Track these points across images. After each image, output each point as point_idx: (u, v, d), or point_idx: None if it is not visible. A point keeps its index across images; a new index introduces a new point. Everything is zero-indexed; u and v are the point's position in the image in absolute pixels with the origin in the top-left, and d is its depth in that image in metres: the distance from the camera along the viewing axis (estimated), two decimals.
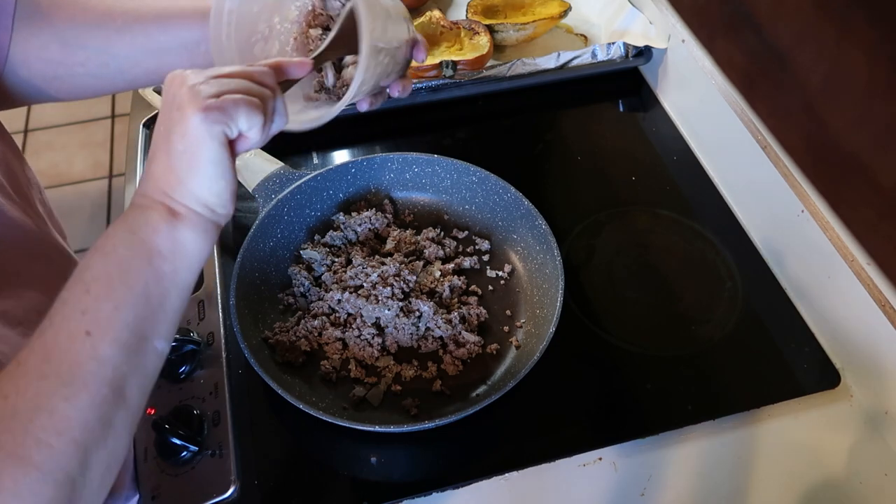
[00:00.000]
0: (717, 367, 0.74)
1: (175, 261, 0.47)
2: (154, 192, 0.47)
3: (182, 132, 0.45)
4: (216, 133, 0.45)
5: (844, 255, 0.70)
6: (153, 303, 0.46)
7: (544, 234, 0.75)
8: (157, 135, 0.48)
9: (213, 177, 0.46)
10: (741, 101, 0.84)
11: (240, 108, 0.45)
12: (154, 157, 0.48)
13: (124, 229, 0.46)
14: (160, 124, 0.48)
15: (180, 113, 0.45)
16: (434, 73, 0.95)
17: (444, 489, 0.65)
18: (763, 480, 0.67)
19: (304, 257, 0.77)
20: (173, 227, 0.46)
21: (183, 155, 0.46)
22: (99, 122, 2.24)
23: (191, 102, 0.45)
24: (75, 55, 0.61)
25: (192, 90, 0.46)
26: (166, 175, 0.47)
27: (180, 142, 0.45)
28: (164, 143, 0.47)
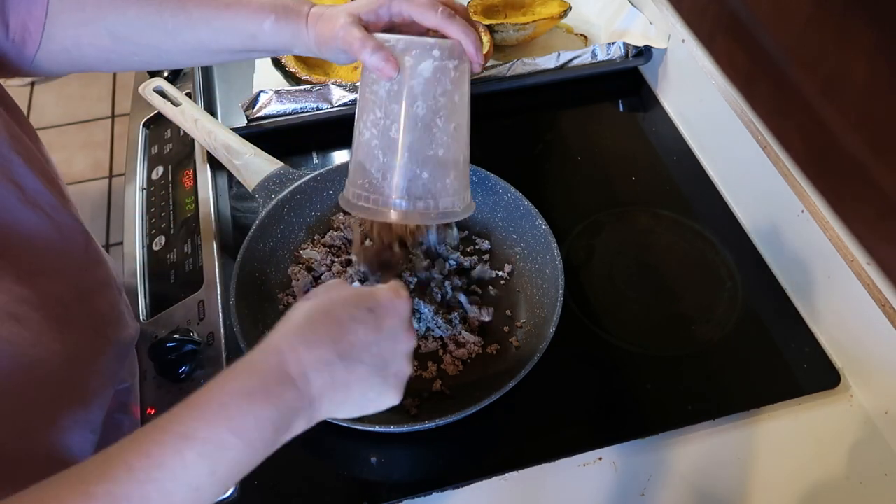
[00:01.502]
0: (717, 367, 0.74)
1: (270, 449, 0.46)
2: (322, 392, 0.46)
3: (379, 401, 0.49)
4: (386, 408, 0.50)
5: (844, 255, 0.70)
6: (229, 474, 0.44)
7: (544, 234, 0.75)
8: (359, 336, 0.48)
9: (356, 416, 0.50)
10: (741, 101, 0.84)
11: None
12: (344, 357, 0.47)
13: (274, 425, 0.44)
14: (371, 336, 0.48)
15: (396, 380, 0.50)
16: None
17: (444, 489, 0.65)
18: (763, 480, 0.67)
19: (304, 257, 0.77)
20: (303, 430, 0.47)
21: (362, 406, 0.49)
22: (99, 122, 2.24)
23: (403, 379, 0.51)
24: (127, 48, 0.63)
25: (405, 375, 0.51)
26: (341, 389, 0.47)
27: (371, 402, 0.49)
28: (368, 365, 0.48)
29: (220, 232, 0.82)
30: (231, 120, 0.92)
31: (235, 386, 0.44)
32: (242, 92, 0.95)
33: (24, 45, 0.61)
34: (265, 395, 0.44)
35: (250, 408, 0.43)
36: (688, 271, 0.82)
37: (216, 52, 0.65)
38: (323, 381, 0.46)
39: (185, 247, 0.81)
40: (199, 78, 0.98)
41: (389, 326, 0.49)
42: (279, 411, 0.44)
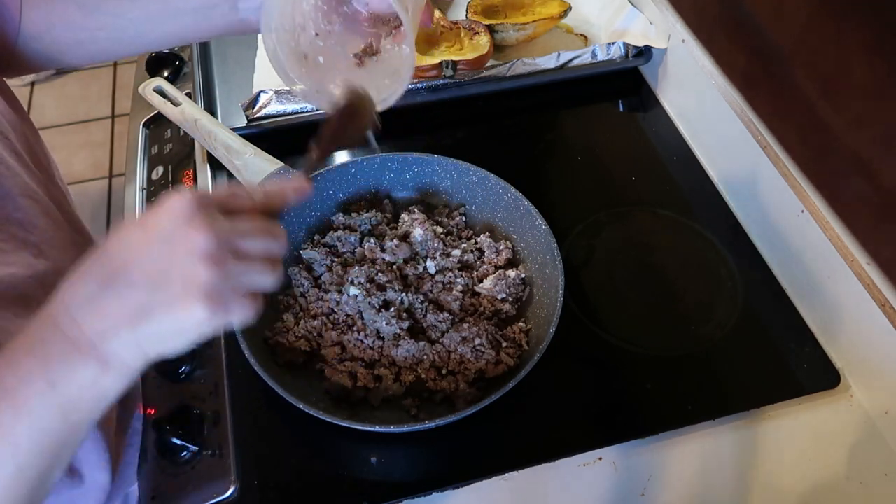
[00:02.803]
0: (717, 367, 0.74)
1: (93, 412, 0.43)
2: (90, 329, 0.41)
3: (172, 309, 0.41)
4: (208, 329, 0.42)
5: (844, 255, 0.70)
6: (60, 454, 0.43)
7: (544, 234, 0.75)
8: (132, 249, 0.41)
9: (172, 349, 0.43)
10: (741, 101, 0.84)
11: (244, 307, 0.42)
12: (114, 283, 0.41)
13: (43, 377, 0.40)
14: (146, 245, 0.41)
15: (184, 292, 0.40)
16: (434, 73, 0.95)
17: (444, 489, 0.65)
18: (763, 480, 0.67)
19: (304, 257, 0.77)
20: (100, 380, 0.41)
21: (157, 324, 0.41)
22: (99, 122, 2.24)
23: (201, 295, 0.40)
24: (95, 20, 0.63)
25: (208, 283, 0.40)
26: (121, 324, 0.41)
27: (165, 314, 0.41)
28: (142, 289, 0.40)
29: None
30: (231, 120, 0.92)
31: (7, 349, 0.42)
32: (242, 92, 0.95)
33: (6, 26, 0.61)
34: (26, 351, 0.41)
35: (12, 365, 0.41)
36: (688, 271, 0.82)
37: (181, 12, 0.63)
38: (93, 318, 0.40)
39: None
40: (199, 78, 0.98)
41: (160, 230, 0.41)
42: (44, 363, 0.40)
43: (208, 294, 0.40)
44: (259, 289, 0.44)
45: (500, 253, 0.78)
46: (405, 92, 0.93)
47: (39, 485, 0.43)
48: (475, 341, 0.69)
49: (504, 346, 0.71)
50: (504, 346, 0.71)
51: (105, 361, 0.41)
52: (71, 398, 0.41)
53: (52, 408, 0.41)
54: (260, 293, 0.44)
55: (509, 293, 0.74)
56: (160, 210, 0.42)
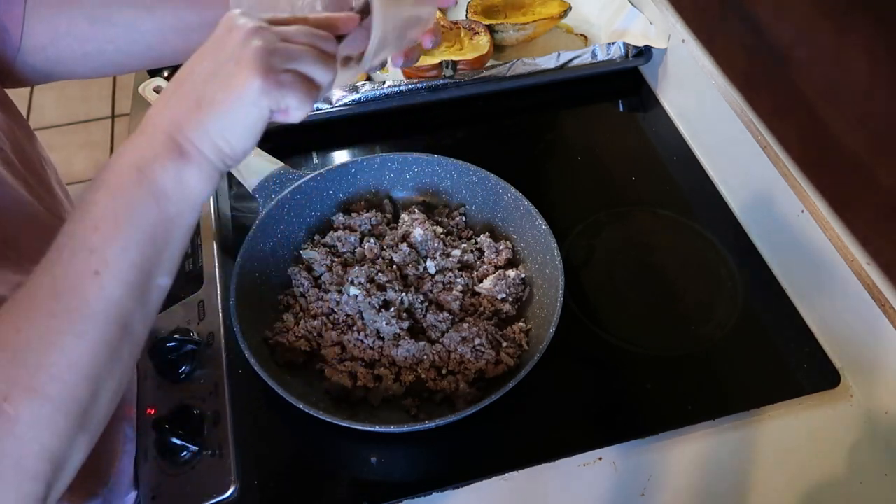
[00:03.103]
0: (717, 367, 0.74)
1: (179, 203, 0.46)
2: (168, 124, 0.45)
3: (229, 86, 0.44)
4: (265, 105, 0.44)
5: (844, 255, 0.70)
6: (159, 243, 0.46)
7: (544, 234, 0.75)
8: (193, 65, 0.46)
9: (239, 136, 0.45)
10: (741, 101, 0.84)
11: (299, 89, 0.44)
12: (180, 89, 0.46)
13: (131, 165, 0.45)
14: (203, 58, 0.46)
15: (237, 67, 0.43)
16: (434, 73, 0.95)
17: (444, 489, 0.65)
18: (763, 480, 0.67)
19: (304, 257, 0.77)
20: (180, 169, 0.45)
21: (219, 106, 0.44)
22: (99, 122, 2.24)
23: (253, 64, 0.43)
24: (104, 32, 0.63)
25: (258, 51, 0.43)
26: (189, 114, 0.45)
27: (222, 92, 0.44)
28: (202, 82, 0.45)
29: (220, 232, 0.82)
30: None
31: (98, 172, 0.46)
32: None
33: (4, 45, 0.61)
34: (118, 154, 0.46)
35: (107, 167, 0.45)
36: (688, 271, 0.82)
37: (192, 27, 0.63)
38: (164, 113, 0.45)
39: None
40: None
41: (213, 38, 0.46)
42: (131, 155, 0.45)
43: (259, 65, 0.43)
44: (310, 74, 0.46)
45: (500, 253, 0.78)
46: (405, 92, 0.94)
47: (149, 271, 0.46)
48: (475, 341, 0.69)
49: (504, 346, 0.71)
50: (504, 346, 0.71)
51: (182, 150, 0.45)
52: (159, 183, 0.45)
53: (144, 193, 0.44)
54: (316, 84, 0.46)
55: (509, 293, 0.74)
56: (221, 28, 0.46)
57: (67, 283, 0.43)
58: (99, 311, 0.44)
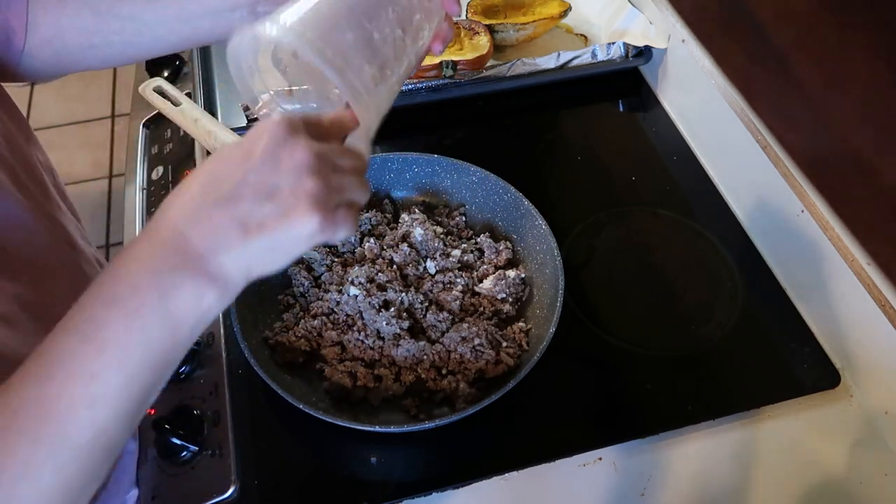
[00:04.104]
0: (717, 367, 0.74)
1: (193, 329, 0.43)
2: (202, 243, 0.41)
3: (285, 219, 0.41)
4: (318, 240, 0.43)
5: (844, 255, 0.70)
6: (162, 370, 0.43)
7: (544, 234, 0.75)
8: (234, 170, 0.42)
9: (279, 264, 0.44)
10: (741, 101, 0.84)
11: (350, 221, 0.44)
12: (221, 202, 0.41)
13: (152, 284, 0.41)
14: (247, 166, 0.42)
15: (296, 200, 0.41)
16: (434, 73, 0.95)
17: (444, 489, 0.65)
18: (763, 480, 0.67)
19: (304, 257, 0.77)
20: (203, 295, 0.42)
21: (269, 236, 0.41)
22: (99, 122, 2.24)
23: (313, 202, 0.41)
24: (109, 25, 0.62)
25: (319, 189, 0.42)
26: (231, 237, 0.41)
27: (277, 223, 0.41)
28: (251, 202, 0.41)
29: None
30: (231, 120, 0.92)
31: (111, 264, 0.42)
32: None
33: (9, 44, 0.61)
34: (136, 262, 0.42)
35: (120, 276, 0.41)
36: (688, 271, 0.82)
37: (197, 15, 0.62)
38: (203, 232, 0.41)
39: None
40: (199, 78, 0.98)
41: (262, 148, 0.42)
42: (154, 273, 0.41)
43: (318, 204, 0.41)
44: (356, 202, 0.45)
45: (500, 253, 0.78)
46: (405, 92, 0.94)
47: (144, 399, 0.43)
48: (475, 341, 0.69)
49: (504, 346, 0.71)
50: (504, 346, 0.71)
51: (212, 276, 0.41)
52: (178, 311, 0.41)
53: (160, 320, 0.41)
54: (357, 208, 0.45)
55: (509, 293, 0.74)
56: (256, 133, 0.43)
57: (58, 409, 0.39)
58: (86, 443, 0.40)
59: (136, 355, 0.41)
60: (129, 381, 0.41)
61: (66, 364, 0.40)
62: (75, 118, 2.24)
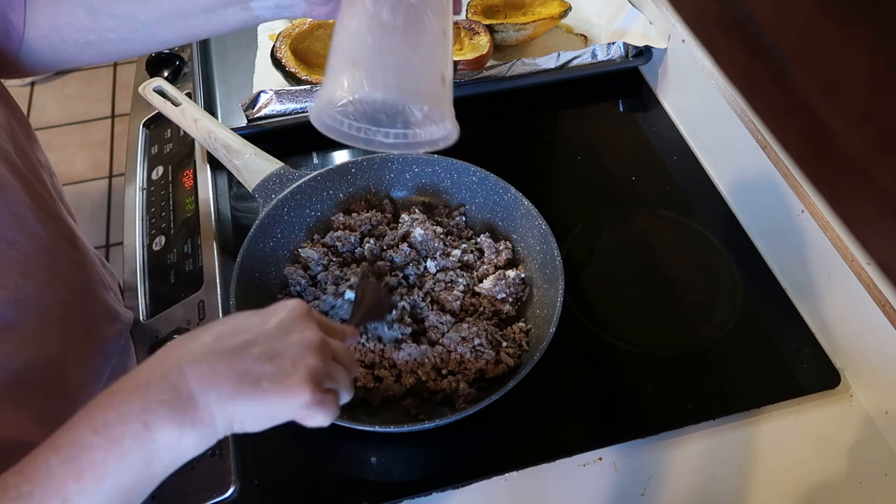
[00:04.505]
0: (717, 368, 0.74)
1: (168, 465, 0.43)
2: (197, 382, 0.43)
3: (279, 383, 0.44)
4: (300, 415, 0.45)
5: (844, 255, 0.70)
6: (132, 500, 0.43)
7: (544, 234, 0.75)
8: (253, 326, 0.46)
9: (259, 425, 0.45)
10: (741, 101, 0.84)
11: (331, 409, 0.46)
12: (224, 350, 0.44)
13: (140, 418, 0.41)
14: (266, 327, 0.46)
15: (294, 369, 0.44)
16: None
17: (444, 489, 0.65)
18: (763, 480, 0.67)
19: (302, 256, 0.77)
20: (185, 433, 0.42)
21: (261, 395, 0.43)
22: (99, 122, 2.24)
23: (309, 378, 0.45)
24: (104, 22, 0.62)
25: (318, 369, 0.45)
26: (225, 381, 0.43)
27: (271, 385, 0.44)
28: (255, 358, 0.44)
29: (220, 232, 0.82)
30: (231, 120, 0.92)
31: (109, 388, 0.43)
32: (242, 92, 0.95)
33: (7, 38, 0.61)
34: (130, 390, 0.42)
35: (111, 403, 0.42)
36: (688, 271, 0.82)
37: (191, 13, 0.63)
38: (201, 374, 0.43)
39: (185, 247, 0.81)
40: (199, 78, 0.98)
41: (279, 320, 0.46)
42: (143, 404, 0.42)
43: (313, 381, 0.45)
44: (341, 395, 0.49)
45: (500, 253, 0.78)
46: None
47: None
48: (474, 341, 0.69)
49: (504, 346, 0.71)
50: (504, 346, 0.71)
51: (198, 418, 0.42)
52: (158, 445, 0.42)
53: (140, 451, 0.42)
54: (338, 402, 0.48)
55: (509, 293, 0.74)
56: (280, 305, 0.48)
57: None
58: None
59: (109, 483, 0.41)
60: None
61: (45, 484, 0.40)
62: (75, 118, 2.24)
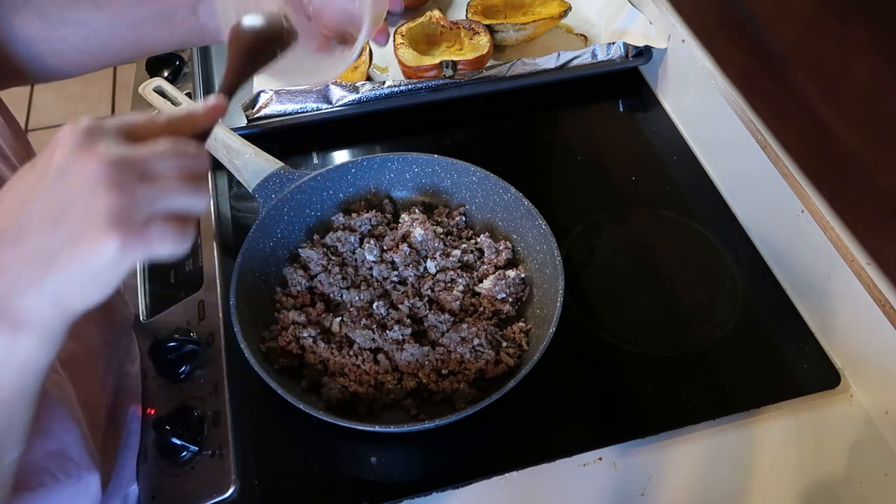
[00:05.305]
0: (717, 368, 0.74)
1: (15, 379, 0.38)
2: (3, 288, 0.36)
3: (77, 245, 0.35)
4: (127, 262, 0.36)
5: (844, 255, 0.70)
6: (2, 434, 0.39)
7: (544, 234, 0.75)
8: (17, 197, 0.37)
9: (92, 292, 0.38)
10: (741, 101, 0.84)
11: (169, 236, 0.37)
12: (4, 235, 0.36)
13: None
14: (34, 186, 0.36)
15: (84, 222, 0.35)
16: (434, 73, 0.95)
17: (444, 489, 0.65)
18: (763, 480, 0.67)
19: (302, 255, 0.77)
20: (17, 345, 0.37)
21: (64, 267, 0.36)
22: None
23: (107, 222, 0.35)
24: (56, 31, 0.61)
25: (112, 207, 0.35)
26: (22, 274, 0.36)
27: (69, 251, 0.36)
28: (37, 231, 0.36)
29: (220, 232, 0.82)
30: (231, 120, 0.92)
31: None
32: (242, 92, 0.95)
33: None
34: None
35: None
36: (688, 271, 0.82)
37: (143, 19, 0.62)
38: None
39: None
40: (199, 78, 0.98)
41: (52, 165, 0.36)
42: None
43: (116, 223, 0.35)
44: (184, 211, 0.38)
45: (499, 253, 0.78)
46: (405, 92, 0.94)
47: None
48: (474, 341, 0.69)
49: (504, 346, 0.71)
50: (504, 346, 0.71)
51: (17, 323, 0.37)
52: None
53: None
54: (188, 217, 0.39)
55: (509, 293, 0.74)
56: (51, 144, 0.37)
57: None
58: None
59: None
60: None
61: None
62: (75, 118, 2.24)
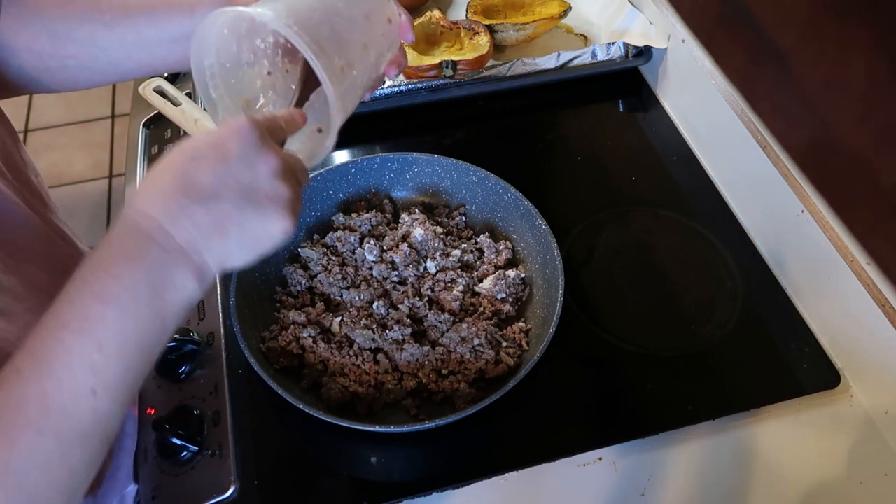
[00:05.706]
0: (717, 367, 0.74)
1: (179, 317, 0.46)
2: (184, 239, 0.44)
3: (265, 224, 0.46)
4: (281, 242, 0.48)
5: (844, 255, 0.70)
6: (153, 357, 0.46)
7: (544, 234, 0.75)
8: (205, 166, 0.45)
9: (251, 260, 0.48)
10: (741, 101, 0.84)
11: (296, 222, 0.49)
12: (198, 198, 0.44)
13: (147, 284, 0.44)
14: (220, 166, 0.45)
15: (274, 207, 0.46)
16: (434, 73, 0.95)
17: (444, 489, 0.65)
18: (763, 480, 0.67)
19: (302, 255, 0.77)
20: (189, 287, 0.45)
21: (250, 239, 0.46)
22: (99, 122, 2.24)
23: (288, 210, 0.47)
24: (65, 48, 0.61)
25: (293, 199, 0.47)
26: (211, 232, 0.45)
27: (257, 228, 0.46)
28: (231, 205, 0.45)
29: None
30: None
31: (94, 261, 0.45)
32: None
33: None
34: (124, 259, 0.44)
35: (111, 274, 0.44)
36: (688, 271, 0.82)
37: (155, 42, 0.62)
38: (186, 230, 0.44)
39: None
40: None
41: (238, 152, 0.45)
42: (145, 270, 0.44)
43: (293, 210, 0.47)
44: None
45: (499, 253, 0.78)
46: (405, 92, 0.94)
47: (137, 384, 0.46)
48: (474, 341, 0.69)
49: (504, 346, 0.71)
50: (504, 346, 0.71)
51: (195, 270, 0.45)
52: (168, 304, 0.45)
53: (153, 313, 0.44)
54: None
55: (509, 293, 0.74)
56: (228, 134, 0.46)
57: (61, 401, 0.41)
58: (88, 432, 0.43)
59: (132, 347, 0.44)
60: (126, 371, 0.44)
61: (65, 358, 0.42)
62: (75, 118, 2.24)
